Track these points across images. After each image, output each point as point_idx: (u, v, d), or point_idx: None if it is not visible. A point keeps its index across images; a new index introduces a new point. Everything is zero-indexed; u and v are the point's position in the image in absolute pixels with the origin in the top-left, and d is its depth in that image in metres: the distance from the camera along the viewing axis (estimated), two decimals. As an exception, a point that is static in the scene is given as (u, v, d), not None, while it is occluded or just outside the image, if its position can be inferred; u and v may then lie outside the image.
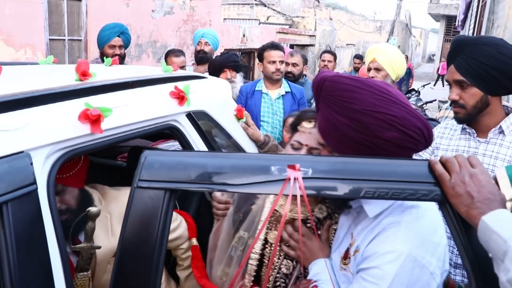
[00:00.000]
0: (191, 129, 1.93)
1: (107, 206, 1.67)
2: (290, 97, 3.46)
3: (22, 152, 1.13)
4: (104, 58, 2.47)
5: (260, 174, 0.98)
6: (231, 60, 3.71)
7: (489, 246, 0.87)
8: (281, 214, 1.45)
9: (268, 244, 1.45)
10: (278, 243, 1.38)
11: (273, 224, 1.47)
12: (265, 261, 1.44)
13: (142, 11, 6.64)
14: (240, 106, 2.34)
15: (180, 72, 2.35)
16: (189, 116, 1.93)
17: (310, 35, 14.48)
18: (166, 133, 2.80)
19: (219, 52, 4.21)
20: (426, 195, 0.95)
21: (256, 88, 3.50)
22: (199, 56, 4.21)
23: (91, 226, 1.49)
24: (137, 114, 1.61)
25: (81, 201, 1.60)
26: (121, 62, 3.63)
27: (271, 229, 1.47)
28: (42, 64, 2.28)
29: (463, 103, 1.69)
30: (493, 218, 0.88)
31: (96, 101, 1.40)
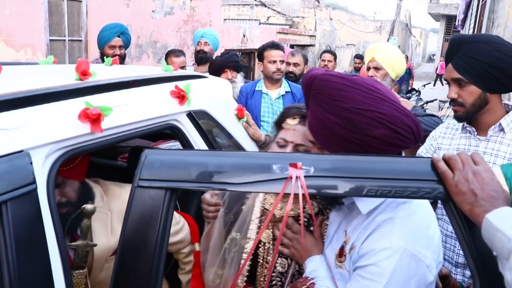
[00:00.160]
0: (191, 129, 1.92)
1: (109, 203, 1.65)
2: (290, 96, 3.45)
3: (21, 151, 1.12)
4: (105, 58, 2.46)
5: (261, 173, 0.97)
6: (231, 60, 3.71)
7: (493, 244, 0.86)
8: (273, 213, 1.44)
9: (262, 243, 1.43)
10: (279, 241, 1.37)
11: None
12: (259, 261, 1.44)
13: (142, 12, 6.63)
14: (241, 105, 2.33)
15: (181, 72, 2.35)
16: (190, 115, 1.92)
17: (310, 35, 14.48)
18: (166, 133, 2.81)
19: (219, 52, 4.20)
20: (429, 193, 0.94)
21: (256, 88, 3.49)
22: (198, 56, 4.20)
23: (86, 223, 1.48)
24: (137, 114, 1.60)
25: (81, 194, 1.58)
26: (121, 63, 3.62)
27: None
28: (42, 64, 2.28)
29: (462, 101, 1.70)
30: (497, 216, 0.87)
31: (96, 100, 1.40)
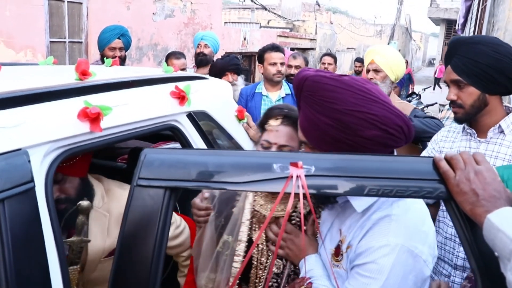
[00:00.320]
0: (191, 130, 1.91)
1: (109, 204, 1.64)
2: (290, 99, 3.44)
3: (19, 149, 1.12)
4: (105, 59, 2.45)
5: (261, 172, 0.97)
6: (232, 63, 3.71)
7: (495, 245, 0.85)
8: (262, 214, 1.44)
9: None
10: (279, 242, 1.36)
11: (258, 225, 1.45)
12: (253, 262, 1.43)
13: (143, 14, 6.64)
14: (241, 107, 2.32)
15: (181, 73, 2.34)
16: (190, 116, 1.92)
17: (311, 39, 14.48)
18: (166, 134, 2.80)
19: (219, 55, 4.20)
20: (431, 192, 0.93)
21: (256, 91, 3.49)
22: (198, 58, 4.21)
23: (81, 220, 1.48)
24: (137, 114, 1.59)
25: (81, 191, 1.57)
26: (121, 64, 3.61)
27: (255, 230, 1.45)
28: (42, 65, 2.27)
29: (461, 103, 1.69)
30: (498, 216, 0.86)
31: (95, 100, 1.39)
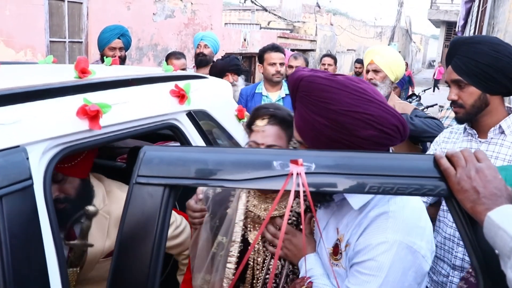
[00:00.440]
0: (191, 129, 1.91)
1: (109, 206, 1.65)
2: (290, 99, 3.43)
3: (18, 146, 1.11)
4: (105, 58, 2.45)
5: (261, 169, 0.96)
6: (232, 64, 3.71)
7: (495, 242, 0.85)
8: (256, 214, 1.43)
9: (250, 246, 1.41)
10: (281, 243, 1.34)
11: (252, 225, 1.45)
12: (249, 263, 1.42)
13: (143, 14, 6.64)
14: (241, 106, 2.32)
15: (181, 72, 2.33)
16: (190, 115, 1.91)
17: (311, 40, 14.48)
18: (165, 134, 2.79)
19: (219, 55, 4.20)
20: (432, 190, 0.93)
21: (256, 91, 3.49)
22: (198, 59, 4.21)
23: (86, 224, 1.49)
24: (137, 112, 1.58)
25: (81, 192, 1.57)
26: (121, 64, 3.61)
27: (251, 230, 1.44)
28: (42, 64, 2.27)
29: (462, 103, 1.69)
30: (499, 214, 0.85)
31: (95, 98, 1.38)
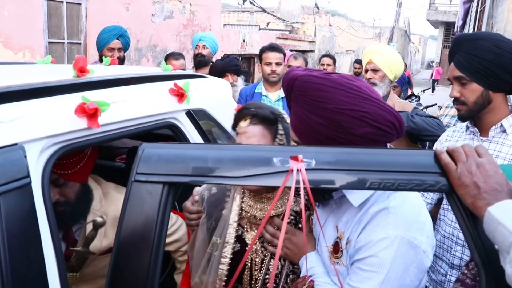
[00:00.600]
0: (190, 128, 1.90)
1: (106, 207, 1.68)
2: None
3: (15, 144, 1.10)
4: (103, 58, 2.44)
5: (261, 166, 0.95)
6: (232, 64, 3.71)
7: (495, 238, 0.84)
8: (252, 214, 1.42)
9: (248, 246, 1.40)
10: (281, 243, 1.33)
11: (249, 226, 1.43)
12: (247, 264, 1.40)
13: (142, 15, 6.63)
14: (241, 105, 2.31)
15: (180, 71, 2.33)
16: (189, 114, 1.90)
17: (310, 41, 14.49)
18: (164, 134, 2.79)
19: (218, 56, 4.19)
20: (433, 185, 0.92)
21: (256, 91, 3.49)
22: (197, 59, 4.21)
23: (92, 233, 1.53)
24: (135, 110, 1.58)
25: (81, 195, 1.61)
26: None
27: (247, 230, 1.43)
28: (40, 64, 2.26)
29: (464, 100, 1.68)
30: (499, 209, 0.85)
31: (93, 96, 1.37)
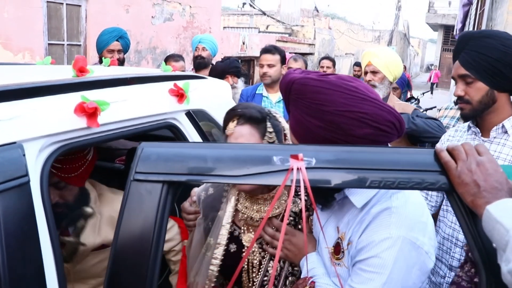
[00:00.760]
0: (190, 128, 1.90)
1: (101, 207, 1.73)
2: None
3: (14, 143, 1.10)
4: (103, 59, 2.44)
5: (261, 165, 0.95)
6: (232, 66, 3.72)
7: (493, 236, 0.84)
8: (248, 216, 1.40)
9: (245, 248, 1.39)
10: (281, 243, 1.32)
11: (246, 227, 1.42)
12: (244, 266, 1.39)
13: (142, 17, 6.64)
14: (240, 106, 2.31)
15: (180, 72, 2.33)
16: (189, 114, 1.90)
17: (310, 44, 14.51)
18: (164, 136, 2.78)
19: (218, 58, 4.20)
20: (433, 184, 0.92)
21: (257, 92, 3.50)
22: (197, 61, 4.21)
23: (82, 224, 1.60)
24: (135, 110, 1.57)
25: (79, 198, 1.66)
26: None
27: (244, 232, 1.42)
28: (39, 64, 2.25)
29: (469, 99, 1.65)
30: (498, 208, 0.85)
31: (93, 96, 1.37)
